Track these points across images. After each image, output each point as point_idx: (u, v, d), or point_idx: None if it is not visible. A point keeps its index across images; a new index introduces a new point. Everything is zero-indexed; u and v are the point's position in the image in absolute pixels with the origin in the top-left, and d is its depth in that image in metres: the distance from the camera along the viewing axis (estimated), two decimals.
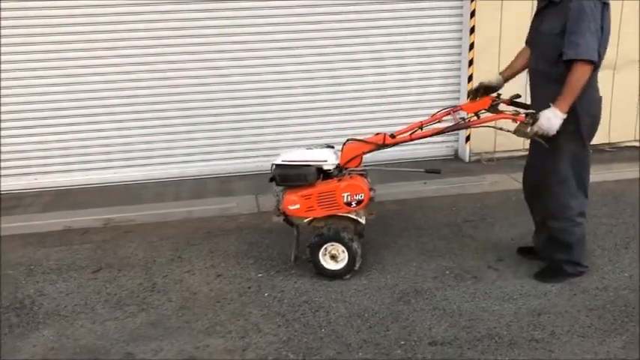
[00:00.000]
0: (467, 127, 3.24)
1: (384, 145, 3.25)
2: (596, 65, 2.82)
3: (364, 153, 3.28)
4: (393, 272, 3.39)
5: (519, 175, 3.46)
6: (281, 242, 3.84)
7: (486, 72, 5.18)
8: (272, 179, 3.31)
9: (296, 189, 3.26)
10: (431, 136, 3.29)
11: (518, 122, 2.96)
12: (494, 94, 3.21)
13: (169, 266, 3.58)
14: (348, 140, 3.31)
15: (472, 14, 5.17)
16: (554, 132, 2.86)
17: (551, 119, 2.82)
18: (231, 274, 3.43)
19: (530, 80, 3.17)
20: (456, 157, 5.69)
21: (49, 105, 4.93)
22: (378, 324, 2.87)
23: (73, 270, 3.55)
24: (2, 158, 4.95)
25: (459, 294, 3.13)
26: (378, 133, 3.34)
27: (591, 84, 2.92)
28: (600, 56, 2.83)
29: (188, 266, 3.57)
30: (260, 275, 3.41)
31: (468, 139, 5.51)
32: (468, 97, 3.40)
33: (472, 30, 5.21)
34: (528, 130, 2.90)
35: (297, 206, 3.24)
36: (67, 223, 4.29)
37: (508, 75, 3.28)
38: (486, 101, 3.20)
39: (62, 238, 4.05)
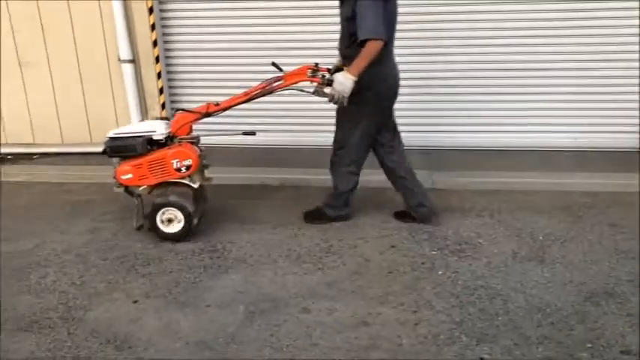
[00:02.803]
0: (272, 91, 3.43)
1: (207, 114, 3.48)
2: (385, 43, 3.17)
3: (192, 121, 3.50)
4: (581, 269, 3.12)
5: None
6: (456, 222, 3.75)
7: None
8: (104, 152, 3.44)
9: (128, 159, 3.43)
10: (246, 101, 3.48)
11: (316, 84, 3.29)
12: (313, 64, 3.51)
13: (344, 231, 3.67)
14: (177, 110, 3.55)
15: None
16: (347, 93, 3.17)
17: (343, 82, 3.16)
18: (404, 247, 3.43)
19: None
20: None
21: None
22: (561, 321, 2.67)
23: (258, 223, 3.81)
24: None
25: None
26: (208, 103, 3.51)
27: (378, 62, 3.20)
28: (389, 36, 3.24)
29: (362, 233, 3.64)
30: (434, 252, 3.36)
31: None
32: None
33: None
34: (326, 90, 3.22)
35: (130, 176, 3.43)
36: (258, 179, 4.61)
37: None
38: (303, 70, 3.47)
39: (252, 192, 4.39)
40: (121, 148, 3.44)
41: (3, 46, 5.24)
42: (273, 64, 3.58)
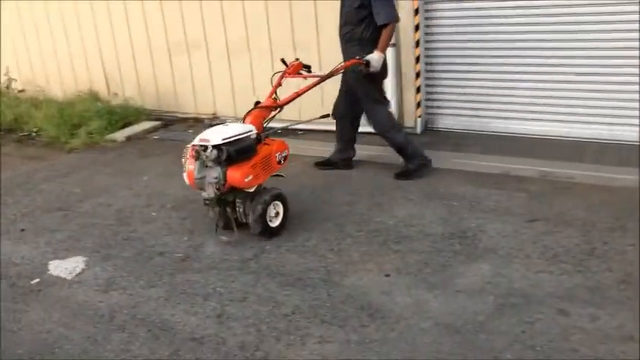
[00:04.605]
0: (332, 75, 3.93)
1: (276, 107, 3.66)
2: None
3: (265, 118, 3.61)
4: None
5: None
6: None
7: None
8: (228, 158, 3.22)
9: (241, 162, 3.29)
10: (302, 93, 3.79)
11: (357, 65, 3.97)
12: (295, 59, 4.08)
13: (610, 234, 3.32)
14: (252, 109, 3.58)
15: None
16: (379, 67, 4.03)
17: (378, 60, 4.01)
18: None
19: (341, 42, 4.30)
20: None
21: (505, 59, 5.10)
22: None
23: (509, 214, 3.65)
24: (447, 99, 5.45)
25: None
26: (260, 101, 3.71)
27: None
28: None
29: (632, 239, 3.24)
30: None
31: None
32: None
33: None
34: (371, 68, 4.00)
35: (251, 177, 3.32)
36: (504, 168, 4.41)
37: None
38: (299, 65, 4.04)
39: (500, 181, 4.19)
40: (243, 151, 3.30)
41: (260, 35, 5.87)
42: (282, 60, 4.00)
